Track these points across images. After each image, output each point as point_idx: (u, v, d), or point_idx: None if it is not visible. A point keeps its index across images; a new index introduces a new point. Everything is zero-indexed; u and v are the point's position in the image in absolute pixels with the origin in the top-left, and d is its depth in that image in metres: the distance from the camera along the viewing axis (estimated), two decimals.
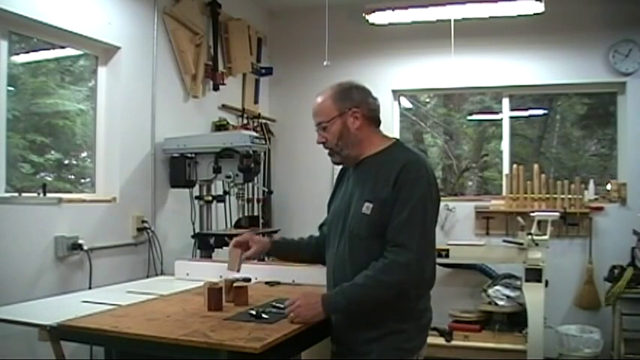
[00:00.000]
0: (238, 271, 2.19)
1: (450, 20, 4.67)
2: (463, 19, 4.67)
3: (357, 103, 2.00)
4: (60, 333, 1.94)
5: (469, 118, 6.17)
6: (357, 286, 1.85)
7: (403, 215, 1.83)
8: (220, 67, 4.55)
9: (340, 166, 2.19)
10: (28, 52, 3.33)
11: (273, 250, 2.28)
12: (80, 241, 3.16)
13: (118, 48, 3.61)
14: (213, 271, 2.83)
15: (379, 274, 1.82)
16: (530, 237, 4.24)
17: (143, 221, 3.72)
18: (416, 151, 2.02)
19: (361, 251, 1.91)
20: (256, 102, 5.24)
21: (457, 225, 5.08)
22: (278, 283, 2.69)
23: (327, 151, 2.07)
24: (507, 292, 4.50)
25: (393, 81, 5.29)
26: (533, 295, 4.15)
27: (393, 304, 1.88)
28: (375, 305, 1.87)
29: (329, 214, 2.13)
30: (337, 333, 2.01)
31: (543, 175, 4.95)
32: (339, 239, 2.00)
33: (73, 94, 3.60)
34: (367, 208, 1.89)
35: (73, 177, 3.71)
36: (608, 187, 4.89)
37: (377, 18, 4.79)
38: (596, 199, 4.75)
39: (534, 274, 4.17)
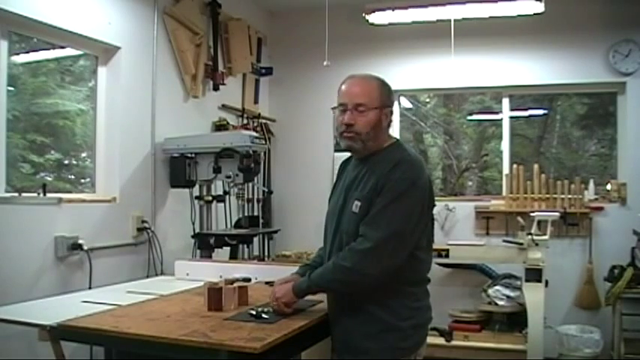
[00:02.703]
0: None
1: (450, 20, 4.66)
2: (463, 19, 4.67)
3: (392, 104, 2.08)
4: (60, 333, 1.94)
5: (469, 118, 6.18)
6: (321, 269, 1.98)
7: (374, 211, 1.88)
8: (220, 67, 4.55)
9: (340, 161, 2.20)
10: (28, 52, 3.32)
11: None
12: (80, 241, 3.16)
13: (118, 48, 3.61)
14: (213, 271, 2.83)
15: (339, 259, 1.91)
16: (530, 237, 4.24)
17: (143, 221, 3.72)
18: (411, 152, 2.02)
19: None
20: (256, 102, 5.24)
21: (457, 225, 5.08)
22: None
23: (345, 134, 1.99)
24: (507, 292, 4.50)
25: (393, 81, 5.15)
26: (533, 295, 4.15)
27: (381, 298, 1.90)
28: (341, 288, 1.95)
29: (327, 209, 2.15)
30: (334, 328, 2.02)
31: (543, 175, 4.95)
32: (332, 236, 2.04)
33: (73, 94, 3.60)
34: (356, 206, 1.93)
35: (73, 177, 3.71)
36: (608, 187, 4.89)
37: (377, 18, 4.79)
38: (596, 199, 4.75)
39: (534, 274, 4.17)
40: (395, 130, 5.39)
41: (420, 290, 1.99)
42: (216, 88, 4.51)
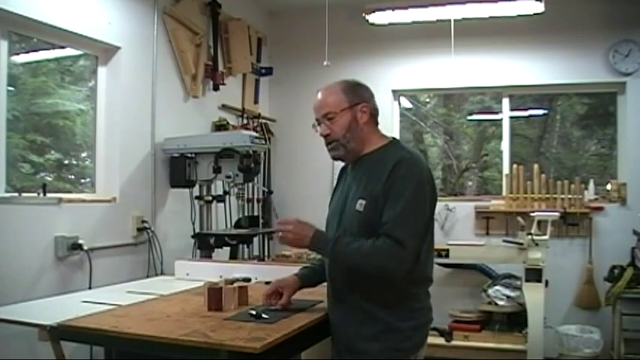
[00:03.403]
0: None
1: (450, 20, 4.67)
2: (463, 19, 4.67)
3: (366, 99, 2.03)
4: (60, 333, 1.93)
5: (469, 118, 6.17)
6: (350, 246, 1.86)
7: (397, 211, 1.83)
8: (220, 67, 4.55)
9: (340, 166, 2.19)
10: (28, 52, 3.33)
11: (301, 284, 2.19)
12: (80, 241, 3.17)
13: (118, 48, 3.61)
14: (213, 271, 2.83)
15: (373, 251, 1.83)
16: (530, 237, 4.24)
17: (143, 221, 3.72)
18: (410, 150, 2.02)
19: None
20: (256, 102, 5.24)
21: (457, 225, 5.08)
22: None
23: (328, 146, 2.05)
24: (507, 292, 4.50)
25: (393, 81, 5.29)
26: (533, 295, 4.15)
27: (382, 298, 1.89)
28: (357, 272, 1.88)
29: (328, 212, 2.14)
30: (334, 328, 2.01)
31: (543, 175, 4.95)
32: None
33: (73, 94, 3.60)
34: (360, 205, 1.92)
35: (73, 177, 3.71)
36: (608, 187, 4.90)
37: (377, 18, 4.79)
38: (596, 199, 4.75)
39: (534, 274, 4.18)
40: (395, 130, 5.40)
41: (422, 291, 1.99)
42: (216, 88, 4.51)
